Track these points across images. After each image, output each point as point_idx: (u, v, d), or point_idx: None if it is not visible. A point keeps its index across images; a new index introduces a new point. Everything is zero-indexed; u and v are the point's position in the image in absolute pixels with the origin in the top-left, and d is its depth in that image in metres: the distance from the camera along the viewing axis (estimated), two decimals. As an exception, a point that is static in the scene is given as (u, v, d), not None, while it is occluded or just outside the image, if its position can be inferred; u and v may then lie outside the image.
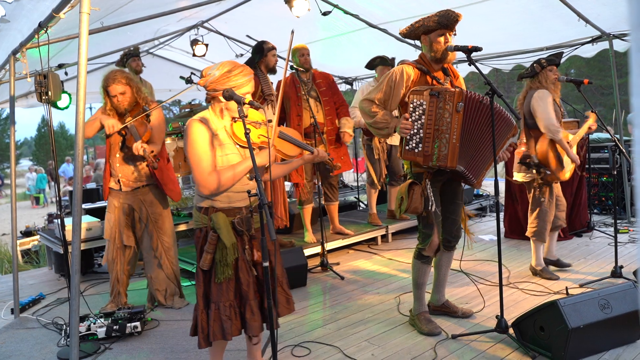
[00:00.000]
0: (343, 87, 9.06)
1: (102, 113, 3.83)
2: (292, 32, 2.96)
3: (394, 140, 5.76)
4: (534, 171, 4.12)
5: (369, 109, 3.17)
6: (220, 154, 2.43)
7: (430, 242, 3.21)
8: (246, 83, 2.41)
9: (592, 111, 4.14)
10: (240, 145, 2.50)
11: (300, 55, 5.07)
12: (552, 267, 4.42)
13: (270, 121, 2.60)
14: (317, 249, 5.09)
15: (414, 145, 3.05)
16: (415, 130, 3.03)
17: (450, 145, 2.95)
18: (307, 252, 4.96)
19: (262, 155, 2.48)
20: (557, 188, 4.30)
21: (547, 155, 4.00)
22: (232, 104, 2.39)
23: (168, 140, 5.69)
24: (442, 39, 3.07)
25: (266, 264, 2.05)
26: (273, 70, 4.98)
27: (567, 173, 4.11)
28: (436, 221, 3.20)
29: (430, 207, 3.11)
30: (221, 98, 2.39)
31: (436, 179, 3.18)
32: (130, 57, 5.72)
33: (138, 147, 3.59)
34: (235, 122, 2.45)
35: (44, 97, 3.51)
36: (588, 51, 6.07)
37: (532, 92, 4.08)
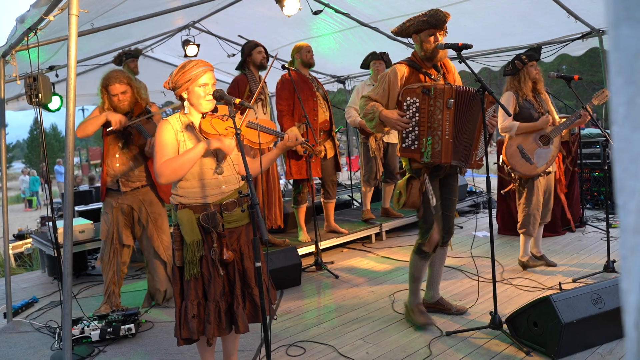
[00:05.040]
0: (335, 86, 9.05)
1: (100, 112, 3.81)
2: (275, 56, 2.97)
3: (391, 138, 5.78)
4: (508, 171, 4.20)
5: (363, 103, 3.27)
6: (185, 149, 2.42)
7: (430, 237, 3.23)
8: (202, 73, 2.40)
9: (583, 107, 4.11)
10: None
11: (307, 51, 5.10)
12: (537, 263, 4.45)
13: (237, 110, 2.53)
14: (311, 248, 5.09)
15: (409, 142, 3.09)
16: (411, 128, 3.07)
17: (443, 141, 2.98)
18: (301, 251, 4.96)
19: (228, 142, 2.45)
20: (550, 184, 4.28)
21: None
22: (195, 98, 2.40)
23: None
24: (432, 38, 3.09)
25: (258, 264, 2.04)
26: (262, 67, 4.96)
27: (539, 168, 4.08)
28: (436, 216, 3.22)
29: (431, 201, 3.14)
30: (184, 94, 2.42)
31: (434, 174, 3.21)
32: (130, 58, 5.63)
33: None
34: (204, 118, 2.46)
35: (34, 100, 3.49)
36: (578, 49, 6.07)
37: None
